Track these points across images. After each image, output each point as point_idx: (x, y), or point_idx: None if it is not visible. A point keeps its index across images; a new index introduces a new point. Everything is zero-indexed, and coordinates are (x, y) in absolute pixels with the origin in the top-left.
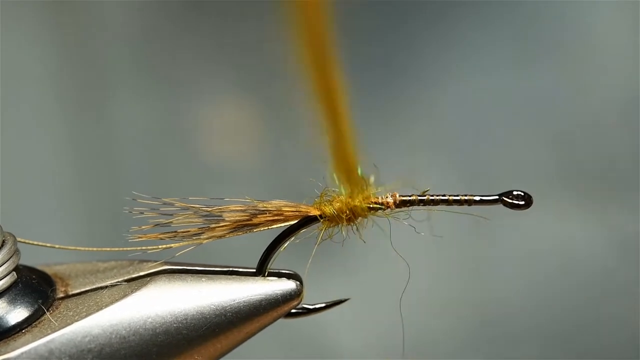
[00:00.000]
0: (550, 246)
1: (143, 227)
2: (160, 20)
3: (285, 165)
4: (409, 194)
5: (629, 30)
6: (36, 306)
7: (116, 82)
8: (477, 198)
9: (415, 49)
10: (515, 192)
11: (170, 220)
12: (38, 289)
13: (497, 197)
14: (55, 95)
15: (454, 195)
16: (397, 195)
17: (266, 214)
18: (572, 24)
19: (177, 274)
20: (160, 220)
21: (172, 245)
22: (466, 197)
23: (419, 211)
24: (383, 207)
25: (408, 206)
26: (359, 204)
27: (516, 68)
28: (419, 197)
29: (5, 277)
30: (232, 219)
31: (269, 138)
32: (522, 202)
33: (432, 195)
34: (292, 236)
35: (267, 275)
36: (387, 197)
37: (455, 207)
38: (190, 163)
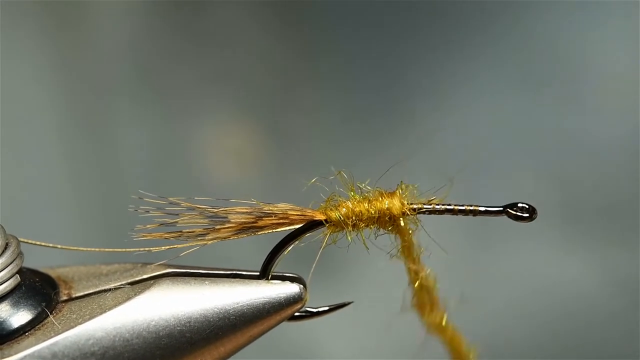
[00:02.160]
0: (548, 282)
1: (148, 225)
2: (164, 42)
3: (286, 183)
4: (416, 202)
5: (632, 69)
6: (40, 309)
7: (118, 97)
8: (482, 209)
9: (422, 74)
10: (519, 205)
11: (176, 220)
12: (41, 292)
13: (501, 208)
14: (59, 108)
15: (459, 205)
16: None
17: (272, 216)
18: (577, 60)
19: (180, 277)
20: (166, 220)
21: (177, 245)
22: (471, 208)
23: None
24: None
25: (415, 214)
26: (366, 210)
27: (520, 101)
28: (426, 206)
29: (8, 279)
30: (238, 220)
31: (270, 156)
32: (526, 215)
33: (438, 204)
34: (296, 240)
35: (271, 279)
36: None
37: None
38: (190, 179)
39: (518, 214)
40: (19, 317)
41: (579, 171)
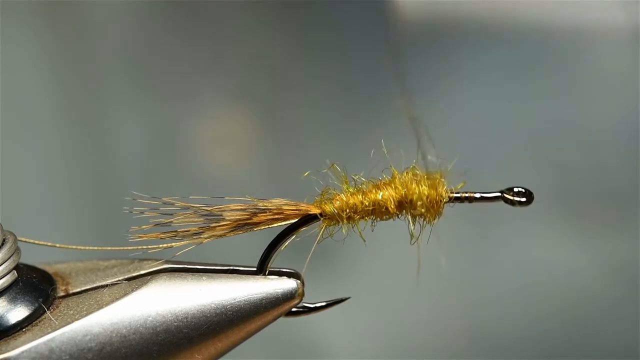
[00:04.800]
0: (546, 270)
1: (143, 226)
2: (157, 31)
3: (281, 175)
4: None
5: (630, 59)
6: (37, 305)
7: (113, 92)
8: (478, 195)
9: (419, 66)
10: (516, 189)
11: (171, 219)
12: (38, 288)
13: (498, 194)
14: (55, 102)
15: (455, 193)
16: None
17: (266, 212)
18: (574, 51)
19: (177, 273)
20: (161, 219)
21: (173, 244)
22: (467, 195)
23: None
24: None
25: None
26: (360, 202)
27: (518, 90)
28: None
29: (5, 275)
30: (233, 217)
31: (264, 149)
32: (524, 199)
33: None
34: (292, 235)
35: (268, 274)
36: None
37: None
38: (186, 173)
39: (515, 198)
40: (16, 313)
41: (578, 159)
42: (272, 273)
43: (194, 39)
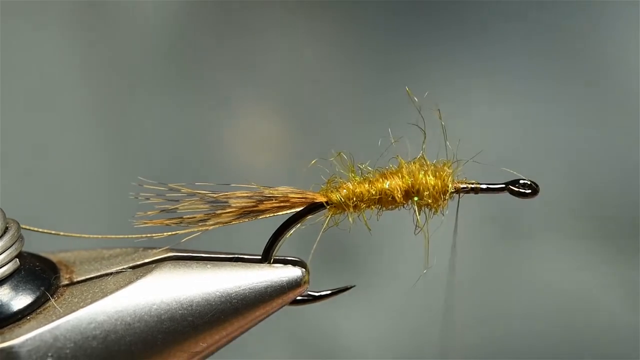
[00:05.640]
0: (559, 286)
1: (149, 212)
2: (193, 28)
3: (307, 173)
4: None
5: None
6: (39, 293)
7: (146, 87)
8: (484, 186)
9: (438, 71)
10: (522, 181)
11: (176, 206)
12: (41, 276)
13: (503, 185)
14: (87, 94)
15: (462, 183)
16: None
17: (272, 200)
18: (594, 62)
19: (182, 261)
20: (166, 206)
21: (178, 232)
22: (472, 185)
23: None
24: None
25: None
26: (367, 191)
27: (541, 107)
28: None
29: (7, 263)
30: (239, 205)
31: (294, 148)
32: (529, 191)
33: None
34: (298, 223)
35: (273, 262)
36: None
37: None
38: (215, 170)
39: (520, 190)
40: (19, 301)
41: (602, 179)
42: (277, 261)
43: (227, 35)
